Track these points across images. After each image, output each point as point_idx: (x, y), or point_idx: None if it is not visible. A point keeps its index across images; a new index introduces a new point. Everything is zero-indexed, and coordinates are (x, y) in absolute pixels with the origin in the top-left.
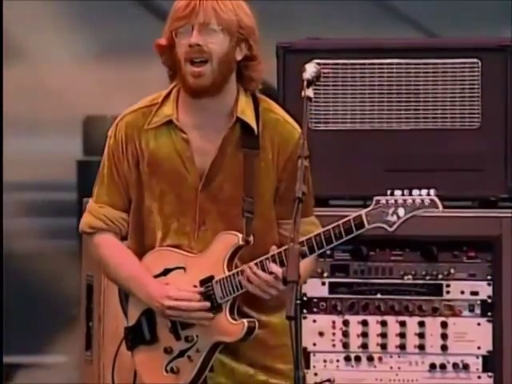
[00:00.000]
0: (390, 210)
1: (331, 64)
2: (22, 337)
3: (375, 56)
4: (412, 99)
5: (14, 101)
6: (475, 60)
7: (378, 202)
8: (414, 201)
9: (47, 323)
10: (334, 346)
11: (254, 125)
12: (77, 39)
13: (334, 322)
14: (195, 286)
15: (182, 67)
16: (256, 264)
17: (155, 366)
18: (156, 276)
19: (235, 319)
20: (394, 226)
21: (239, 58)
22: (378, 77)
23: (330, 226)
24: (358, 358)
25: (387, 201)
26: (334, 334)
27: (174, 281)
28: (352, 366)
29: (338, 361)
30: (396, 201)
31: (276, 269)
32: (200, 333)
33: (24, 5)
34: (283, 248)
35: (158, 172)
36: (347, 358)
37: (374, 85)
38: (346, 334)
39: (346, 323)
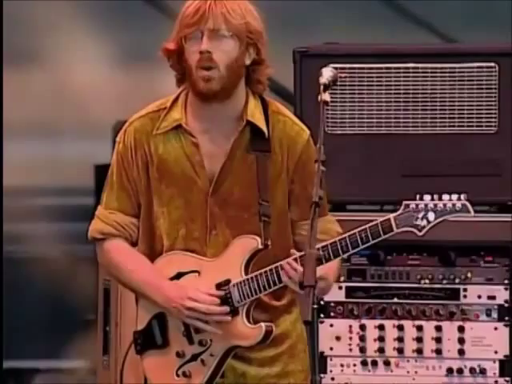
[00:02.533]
0: (420, 215)
1: (348, 68)
2: (39, 342)
3: (392, 60)
4: (429, 104)
5: (40, 105)
6: (492, 64)
7: (407, 206)
8: (444, 205)
9: (64, 328)
10: (350, 350)
11: (264, 128)
12: (106, 41)
13: (350, 327)
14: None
15: (193, 73)
16: (295, 259)
17: (166, 370)
18: (170, 279)
19: (251, 323)
20: (424, 231)
21: (248, 62)
22: (395, 81)
23: (356, 230)
24: (374, 363)
25: (417, 205)
26: (350, 338)
27: (189, 284)
28: (369, 371)
29: (354, 365)
30: (426, 205)
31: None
32: (214, 337)
33: (47, 7)
34: (319, 245)
35: (168, 176)
36: (364, 363)
37: (391, 89)
38: (362, 339)
39: (362, 327)
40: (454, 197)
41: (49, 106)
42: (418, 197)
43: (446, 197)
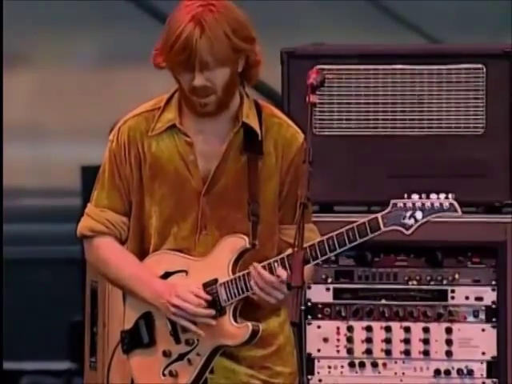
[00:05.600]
0: (408, 213)
1: (335, 70)
2: (27, 343)
3: (379, 62)
4: (416, 105)
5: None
6: (480, 66)
7: (394, 204)
8: (432, 204)
9: (50, 329)
10: (338, 351)
11: (258, 129)
12: (92, 41)
13: (338, 328)
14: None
15: (188, 96)
16: (263, 266)
17: (152, 369)
18: None
19: (238, 322)
20: (411, 230)
21: (241, 68)
22: (382, 82)
23: (343, 229)
24: (362, 364)
25: (404, 204)
26: (338, 339)
27: (177, 283)
28: (356, 372)
29: (342, 367)
30: (414, 204)
31: (282, 272)
32: (201, 336)
33: (32, 6)
34: (291, 252)
35: (160, 175)
36: (351, 364)
37: (378, 90)
38: (350, 340)
39: (350, 329)
40: (442, 196)
41: (34, 106)
42: (405, 196)
43: (433, 196)
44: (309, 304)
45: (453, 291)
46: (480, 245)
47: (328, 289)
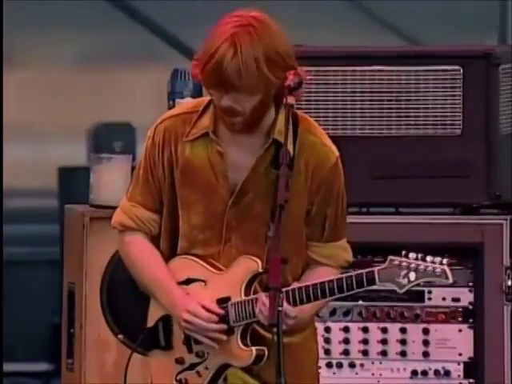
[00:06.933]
0: (402, 272)
1: (313, 71)
2: (5, 344)
3: (358, 63)
4: (394, 106)
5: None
6: (457, 67)
7: (391, 261)
8: (426, 268)
9: (30, 330)
10: None
11: (290, 147)
12: (82, 41)
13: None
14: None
15: (219, 112)
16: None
17: (167, 372)
18: (178, 283)
19: (246, 344)
20: (404, 289)
21: (274, 93)
22: (361, 84)
23: (343, 275)
24: (339, 365)
25: (400, 262)
26: None
27: (194, 292)
28: (334, 373)
29: (319, 367)
30: (409, 264)
31: (286, 306)
32: (211, 350)
33: (22, 6)
34: (298, 286)
35: (190, 181)
36: (329, 365)
37: (356, 92)
38: (327, 341)
39: (327, 330)
40: (437, 260)
41: (24, 106)
42: (403, 253)
43: (429, 258)
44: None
45: (430, 292)
46: (457, 246)
47: None
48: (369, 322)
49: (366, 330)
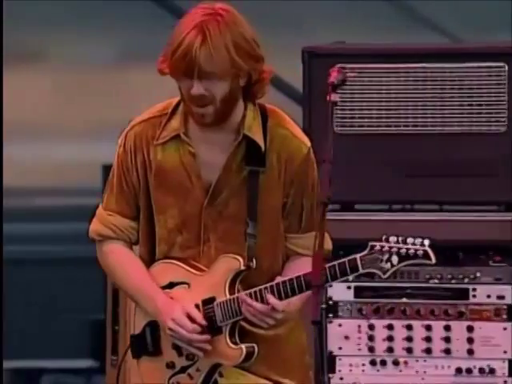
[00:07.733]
0: (385, 257)
1: (357, 68)
2: (48, 341)
3: (401, 61)
4: (438, 104)
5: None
6: (502, 64)
7: (372, 247)
8: (407, 250)
9: (73, 328)
10: (359, 349)
11: (261, 142)
12: (108, 40)
13: (359, 326)
14: (197, 305)
15: (188, 104)
16: (254, 293)
17: (158, 378)
18: (162, 288)
19: (235, 343)
20: (388, 274)
21: (243, 84)
22: (404, 81)
23: (326, 265)
24: (383, 362)
25: (382, 247)
26: (359, 338)
27: (179, 296)
28: (378, 370)
29: (363, 365)
30: (390, 248)
31: (273, 300)
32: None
33: (45, 5)
34: (282, 280)
35: (164, 184)
36: (373, 362)
37: (400, 89)
38: (371, 338)
39: (371, 327)
40: (418, 241)
41: (49, 106)
42: (383, 238)
43: (410, 240)
44: (330, 302)
45: (474, 289)
46: (501, 243)
47: (349, 287)
48: (413, 319)
49: (409, 327)
